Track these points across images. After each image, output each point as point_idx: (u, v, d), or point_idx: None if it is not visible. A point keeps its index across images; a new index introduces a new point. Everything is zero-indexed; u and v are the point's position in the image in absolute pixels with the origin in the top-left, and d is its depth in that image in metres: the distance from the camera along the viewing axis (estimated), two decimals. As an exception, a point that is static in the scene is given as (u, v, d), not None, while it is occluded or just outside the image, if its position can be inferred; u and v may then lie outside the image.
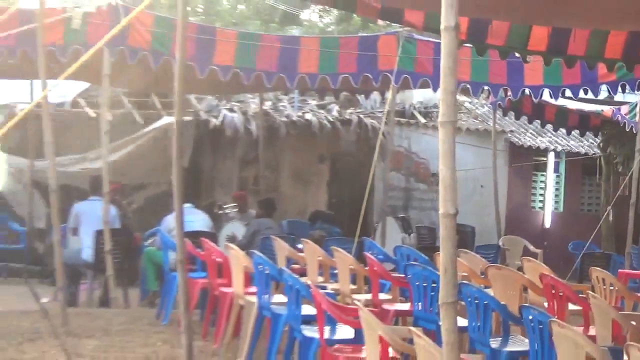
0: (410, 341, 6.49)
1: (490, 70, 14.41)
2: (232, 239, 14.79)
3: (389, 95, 15.02)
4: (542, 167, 22.57)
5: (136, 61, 13.14)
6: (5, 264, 16.01)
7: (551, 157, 22.51)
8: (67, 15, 12.42)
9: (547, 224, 22.45)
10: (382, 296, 10.66)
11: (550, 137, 22.49)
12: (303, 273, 11.92)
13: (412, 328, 6.86)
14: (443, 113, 5.00)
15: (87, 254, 13.65)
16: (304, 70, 13.98)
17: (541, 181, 22.68)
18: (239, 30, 16.44)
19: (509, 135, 21.74)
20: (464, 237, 18.63)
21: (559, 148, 22.40)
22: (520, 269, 11.68)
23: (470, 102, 22.56)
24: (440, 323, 4.98)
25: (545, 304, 9.58)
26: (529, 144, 21.93)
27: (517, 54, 12.45)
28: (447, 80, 4.92)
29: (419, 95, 20.95)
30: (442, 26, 4.94)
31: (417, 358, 6.34)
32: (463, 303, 8.87)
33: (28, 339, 10.17)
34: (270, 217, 14.82)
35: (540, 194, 22.68)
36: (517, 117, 19.22)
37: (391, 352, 7.09)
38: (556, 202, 22.89)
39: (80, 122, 17.84)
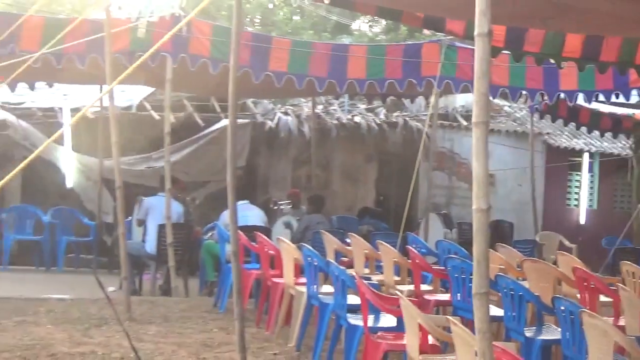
0: (448, 329, 6.44)
1: (527, 76, 14.28)
2: (288, 225, 14.87)
3: (432, 99, 14.97)
4: (577, 167, 22.33)
5: (197, 68, 13.14)
6: (76, 255, 16.10)
7: (586, 157, 22.26)
8: (133, 25, 12.43)
9: (582, 221, 22.21)
10: (424, 287, 10.61)
11: (585, 139, 22.25)
12: (351, 265, 11.92)
13: (450, 317, 6.80)
14: (477, 114, 4.92)
15: (151, 246, 13.71)
16: (352, 76, 13.94)
17: (576, 180, 22.45)
18: (292, 39, 16.46)
19: (546, 137, 21.54)
20: (503, 232, 18.54)
21: (593, 149, 22.15)
22: (555, 262, 11.56)
23: (509, 106, 22.39)
24: (474, 312, 4.90)
25: (578, 296, 9.48)
26: (564, 145, 21.71)
27: (552, 60, 12.34)
28: (480, 83, 4.85)
29: (461, 100, 20.84)
30: (475, 32, 4.87)
31: (454, 345, 6.30)
32: (499, 294, 8.83)
33: (95, 325, 10.22)
34: (320, 213, 14.81)
35: (576, 192, 22.45)
36: (553, 120, 18.98)
37: (430, 340, 7.04)
38: (590, 200, 22.63)
39: (146, 124, 17.93)
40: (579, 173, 22.38)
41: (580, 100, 15.22)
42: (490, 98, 19.96)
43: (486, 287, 4.85)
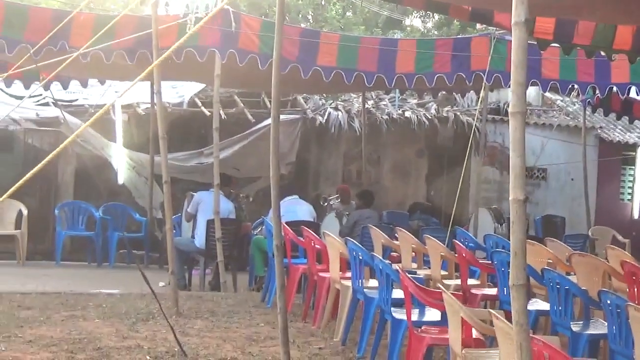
0: (492, 323, 6.35)
1: (578, 69, 14.09)
2: (340, 216, 14.86)
3: (482, 93, 14.84)
4: (631, 161, 22.05)
5: (245, 63, 13.11)
6: (127, 251, 16.18)
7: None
8: (182, 21, 12.45)
9: (636, 215, 21.94)
10: (472, 281, 10.54)
11: (638, 133, 21.95)
12: (400, 260, 11.87)
13: (492, 310, 6.72)
14: (513, 104, 4.80)
15: (200, 241, 13.74)
16: (401, 70, 13.84)
17: (630, 174, 22.16)
18: (340, 33, 16.43)
19: (599, 131, 21.29)
20: (554, 227, 18.38)
21: (647, 143, 21.88)
22: (606, 257, 11.40)
23: (561, 100, 22.17)
24: (511, 304, 4.81)
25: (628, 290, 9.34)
26: (618, 139, 21.44)
27: (602, 53, 12.17)
28: (517, 72, 4.72)
29: (512, 94, 20.64)
30: (512, 21, 4.75)
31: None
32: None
33: (141, 319, 10.24)
34: (369, 208, 14.75)
35: (629, 187, 22.17)
36: (606, 114, 18.77)
37: (475, 334, 6.95)
38: (644, 194, 22.37)
39: (197, 121, 17.98)
40: (632, 167, 22.10)
41: (633, 93, 15.01)
42: (541, 91, 19.98)
43: (524, 279, 4.76)
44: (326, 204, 16.21)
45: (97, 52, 12.16)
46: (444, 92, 18.08)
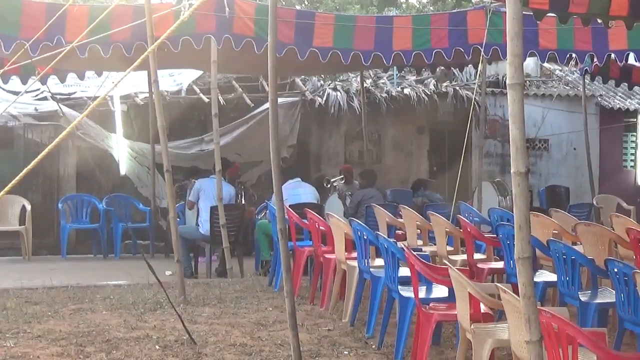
0: (500, 297, 6.34)
1: (575, 38, 14.03)
2: (343, 196, 14.90)
3: (480, 67, 14.77)
4: (633, 128, 21.99)
5: (241, 48, 13.07)
6: (133, 241, 16.17)
7: (641, 117, 21.96)
8: (176, 8, 12.39)
9: (640, 182, 21.93)
10: (477, 256, 10.52)
11: (639, 99, 21.88)
12: (405, 238, 11.86)
13: (499, 284, 6.70)
14: (511, 76, 4.78)
15: (204, 228, 13.72)
16: (398, 48, 13.79)
17: (632, 141, 22.12)
18: (336, 13, 16.36)
19: (599, 99, 21.23)
20: (558, 197, 18.35)
21: (648, 109, 21.81)
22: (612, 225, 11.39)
23: (560, 70, 22.10)
24: (517, 277, 4.79)
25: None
26: (618, 106, 21.37)
27: (599, 20, 12.10)
28: (513, 44, 4.70)
29: (511, 66, 20.57)
30: (505, -9, 4.72)
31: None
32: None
33: (149, 309, 10.22)
34: (372, 187, 14.74)
35: (632, 154, 22.12)
36: (605, 82, 18.70)
37: (483, 308, 6.94)
38: (647, 160, 22.33)
39: (196, 108, 17.95)
40: (634, 134, 22.06)
41: (631, 59, 14.94)
42: (539, 62, 19.93)
43: (529, 252, 4.75)
44: (329, 185, 16.20)
45: (95, 46, 12.13)
46: (442, 68, 18.05)
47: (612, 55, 14.43)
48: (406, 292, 8.23)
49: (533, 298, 4.73)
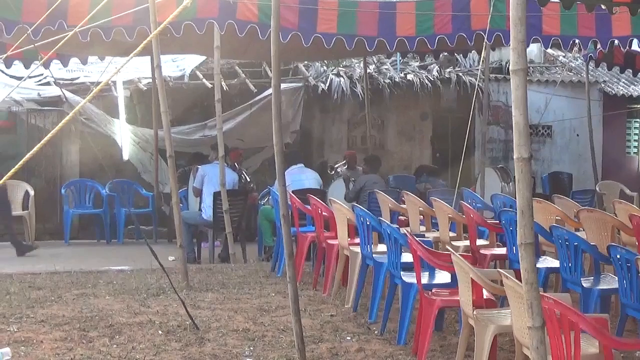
0: (502, 283, 6.34)
1: (579, 24, 13.95)
2: (346, 180, 14.93)
3: (483, 53, 14.74)
4: (636, 114, 21.95)
5: (245, 34, 13.03)
6: (136, 227, 16.17)
7: (644, 104, 21.91)
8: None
9: (642, 168, 21.91)
10: (480, 242, 10.53)
11: (643, 86, 21.87)
12: (407, 224, 11.85)
13: (502, 270, 6.70)
14: (514, 62, 4.77)
15: (207, 213, 13.74)
16: (402, 34, 13.73)
17: (635, 128, 22.09)
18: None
19: (602, 85, 21.20)
20: (561, 183, 18.34)
21: (652, 95, 21.77)
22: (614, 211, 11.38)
23: (564, 56, 22.06)
24: (519, 263, 4.79)
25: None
26: (622, 92, 21.32)
27: (603, 6, 12.07)
28: (517, 29, 4.70)
29: (515, 52, 20.53)
30: (509, -23, 4.71)
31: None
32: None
33: (152, 294, 10.26)
34: (376, 173, 14.75)
35: (635, 140, 22.10)
36: (609, 68, 18.64)
37: (485, 294, 6.95)
38: (651, 147, 22.31)
39: (200, 93, 17.93)
40: (637, 120, 22.04)
41: (635, 45, 14.89)
42: (543, 48, 19.88)
43: (531, 238, 4.75)
44: (333, 172, 16.21)
45: (96, 30, 12.11)
46: (445, 54, 18.00)
47: (616, 42, 14.38)
48: (409, 278, 8.23)
49: (535, 284, 4.73)
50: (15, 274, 11.78)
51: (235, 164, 14.92)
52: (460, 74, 19.94)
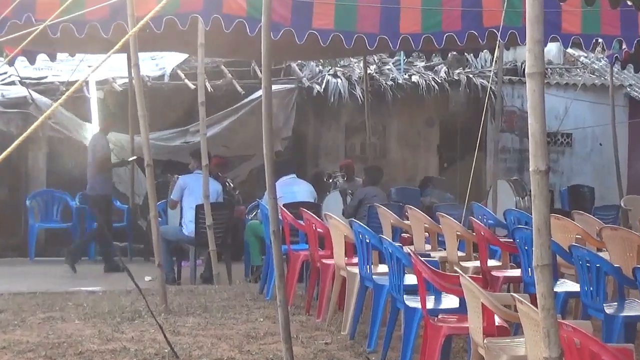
0: (516, 309, 6.35)
1: (602, 21, 14.00)
2: (343, 193, 14.96)
3: (496, 52, 14.78)
4: (666, 122, 22.05)
5: (232, 29, 13.05)
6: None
7: (676, 110, 21.96)
8: (159, -14, 12.38)
9: (673, 182, 21.93)
10: (492, 263, 10.53)
11: (673, 90, 21.96)
12: (412, 242, 11.87)
13: (515, 294, 6.71)
14: (531, 64, 4.79)
15: (189, 229, 13.75)
16: (406, 31, 13.74)
17: (665, 136, 22.18)
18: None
19: (628, 89, 21.28)
20: (582, 198, 18.39)
21: (683, 101, 21.84)
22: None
23: (585, 57, 22.13)
24: (536, 287, 4.81)
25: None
26: (650, 97, 21.44)
27: (629, 2, 12.10)
28: (533, 28, 4.72)
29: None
30: (526, -29, 4.74)
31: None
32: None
33: (127, 319, 10.25)
34: (377, 185, 14.78)
35: (665, 150, 22.17)
36: (637, 70, 18.72)
37: (497, 321, 6.95)
38: (682, 158, 22.35)
39: (181, 95, 17.96)
40: (667, 128, 22.11)
41: (664, 46, 14.93)
42: (562, 48, 19.94)
43: (549, 259, 4.76)
44: (330, 180, 16.23)
45: (68, 25, 12.12)
46: (454, 53, 18.05)
47: (643, 41, 14.43)
48: (412, 302, 8.23)
49: (553, 310, 4.74)
50: (-27, 294, 11.80)
51: (219, 172, 14.92)
52: (471, 75, 20.01)
